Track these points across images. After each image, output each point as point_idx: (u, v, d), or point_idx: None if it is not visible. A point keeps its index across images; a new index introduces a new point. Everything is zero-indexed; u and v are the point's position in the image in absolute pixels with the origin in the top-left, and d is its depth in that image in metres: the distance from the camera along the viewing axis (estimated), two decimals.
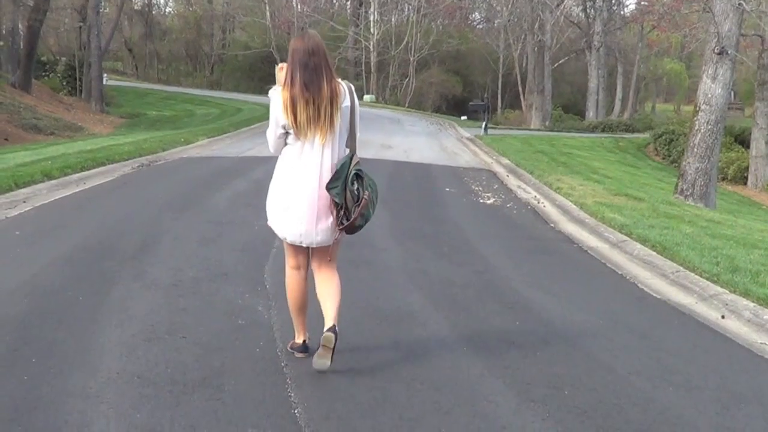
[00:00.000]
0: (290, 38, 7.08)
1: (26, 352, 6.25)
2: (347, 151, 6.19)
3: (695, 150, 20.89)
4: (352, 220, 6.04)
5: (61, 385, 5.66)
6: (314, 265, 6.38)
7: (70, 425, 5.06)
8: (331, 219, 6.11)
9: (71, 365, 6.05)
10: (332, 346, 5.98)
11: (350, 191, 6.04)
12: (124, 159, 20.04)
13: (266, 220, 6.37)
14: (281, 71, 6.13)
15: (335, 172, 6.04)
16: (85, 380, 5.77)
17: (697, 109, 21.05)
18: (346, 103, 6.16)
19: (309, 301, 6.46)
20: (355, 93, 6.35)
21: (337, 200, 6.03)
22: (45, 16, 44.59)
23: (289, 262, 6.41)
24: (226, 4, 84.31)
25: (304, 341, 6.54)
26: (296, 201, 6.09)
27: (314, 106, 5.98)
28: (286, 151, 6.16)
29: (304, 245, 6.24)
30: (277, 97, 6.06)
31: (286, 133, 6.10)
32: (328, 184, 6.02)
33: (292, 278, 6.43)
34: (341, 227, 6.10)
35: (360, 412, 5.51)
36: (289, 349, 6.56)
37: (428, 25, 73.58)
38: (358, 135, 6.32)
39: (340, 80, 6.18)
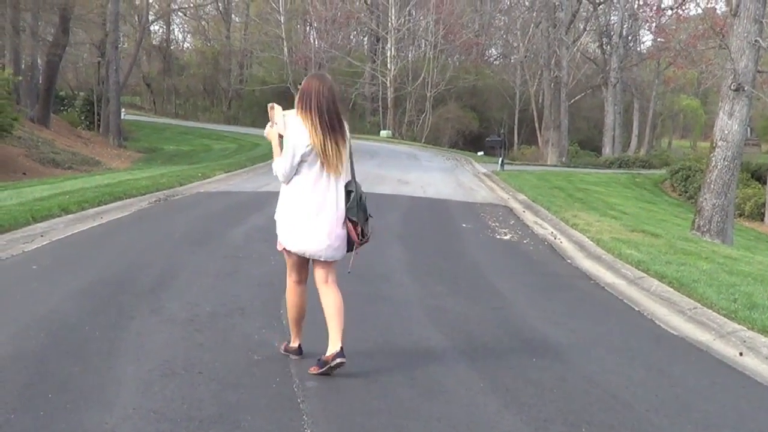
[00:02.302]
0: (307, 73, 7.39)
1: (42, 388, 6.25)
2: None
3: (712, 186, 20.85)
4: (368, 235, 7.06)
5: (77, 421, 5.66)
6: (320, 280, 7.03)
7: None
8: (342, 235, 6.96)
9: (87, 401, 6.05)
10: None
11: (362, 210, 6.99)
12: (142, 194, 20.09)
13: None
14: (272, 110, 7.07)
15: (349, 196, 6.96)
16: (101, 416, 5.76)
17: (714, 145, 21.02)
18: (348, 136, 7.04)
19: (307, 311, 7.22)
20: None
21: (355, 219, 6.93)
22: (64, 51, 45.01)
23: (293, 277, 7.11)
24: (243, 40, 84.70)
25: (299, 345, 7.25)
26: (318, 221, 6.83)
27: (336, 144, 6.83)
28: (300, 179, 6.85)
29: (322, 259, 6.93)
30: (297, 129, 6.78)
31: (300, 162, 6.79)
32: (347, 206, 6.94)
33: (294, 292, 7.13)
34: (361, 242, 7.01)
35: None
36: (283, 351, 7.30)
37: (445, 61, 73.76)
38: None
39: None
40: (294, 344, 7.25)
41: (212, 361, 7.07)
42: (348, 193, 6.95)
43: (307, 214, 6.80)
